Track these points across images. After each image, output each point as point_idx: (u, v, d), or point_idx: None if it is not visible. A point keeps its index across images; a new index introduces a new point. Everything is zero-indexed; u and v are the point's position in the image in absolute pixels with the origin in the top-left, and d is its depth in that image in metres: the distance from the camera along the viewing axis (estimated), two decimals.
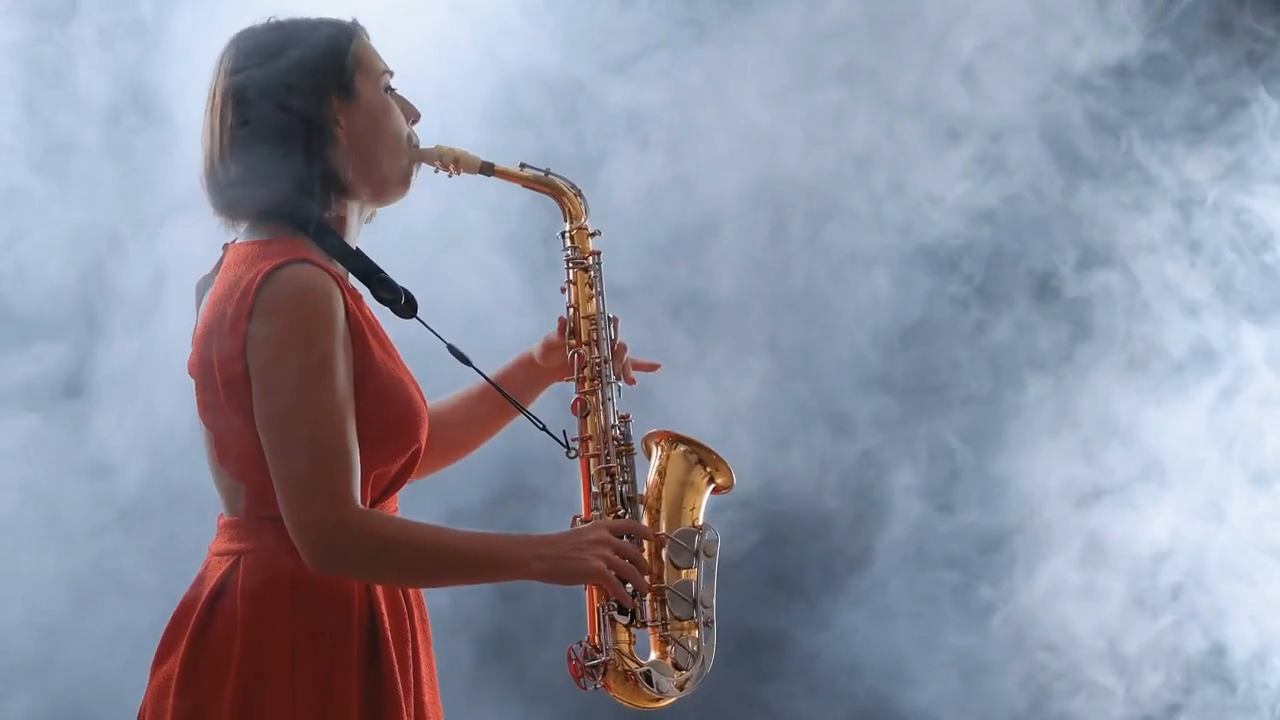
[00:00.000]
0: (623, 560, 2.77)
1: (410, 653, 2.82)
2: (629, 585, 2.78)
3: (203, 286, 2.85)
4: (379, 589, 2.79)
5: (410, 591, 2.86)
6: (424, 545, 2.72)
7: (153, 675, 2.79)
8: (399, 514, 2.90)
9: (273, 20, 2.84)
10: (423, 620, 2.89)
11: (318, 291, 2.69)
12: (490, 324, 3.82)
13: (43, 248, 4.53)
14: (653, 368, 3.06)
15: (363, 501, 2.74)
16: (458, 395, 3.10)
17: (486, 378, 3.01)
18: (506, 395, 3.00)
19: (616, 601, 2.79)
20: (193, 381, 2.78)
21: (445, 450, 3.09)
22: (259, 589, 2.74)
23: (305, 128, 2.77)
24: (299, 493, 2.66)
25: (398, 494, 2.88)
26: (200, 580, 2.80)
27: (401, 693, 2.77)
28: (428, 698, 2.85)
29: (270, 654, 2.72)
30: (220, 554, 2.80)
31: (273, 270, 2.69)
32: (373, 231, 2.94)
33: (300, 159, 2.77)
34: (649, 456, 2.96)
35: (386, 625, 2.78)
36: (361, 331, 2.75)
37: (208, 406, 2.76)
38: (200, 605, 2.77)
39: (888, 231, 4.84)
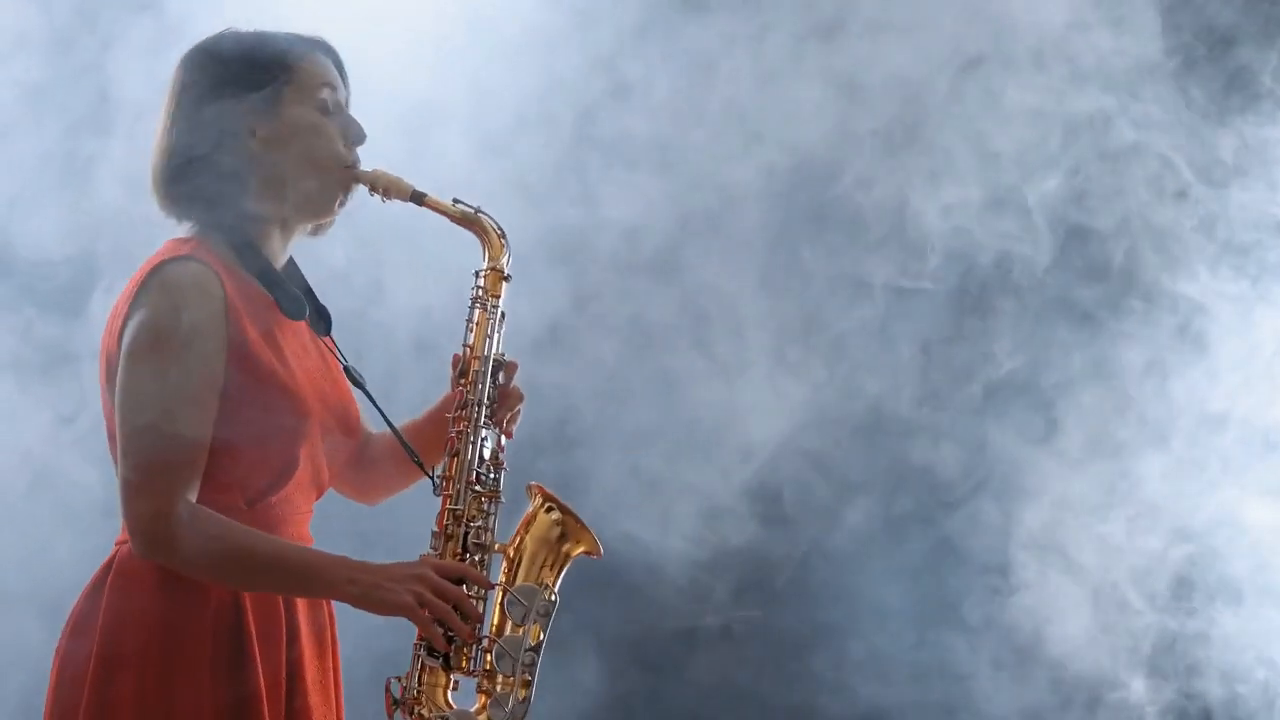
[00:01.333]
0: (439, 601, 2.74)
1: (285, 654, 2.83)
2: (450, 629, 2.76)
3: None
4: None
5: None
6: (240, 548, 2.74)
7: (54, 658, 2.87)
8: (309, 520, 2.93)
9: (229, 30, 2.91)
10: (315, 622, 2.89)
11: (191, 289, 2.74)
12: None
13: None
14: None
15: (233, 500, 2.79)
16: (385, 434, 3.08)
17: (376, 404, 3.00)
18: (386, 419, 3.00)
19: (430, 642, 2.77)
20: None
21: (369, 486, 3.12)
22: (122, 581, 2.80)
23: (219, 133, 2.82)
24: (129, 480, 2.71)
25: (302, 500, 2.89)
26: (98, 570, 2.87)
27: (266, 693, 2.78)
28: (314, 700, 2.85)
29: (125, 647, 2.77)
30: (115, 544, 2.86)
31: (157, 267, 2.76)
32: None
33: (215, 165, 2.82)
34: (529, 502, 2.94)
35: (252, 624, 2.80)
36: (241, 334, 2.78)
37: (105, 397, 2.84)
38: (85, 594, 2.85)
39: None
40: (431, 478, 2.91)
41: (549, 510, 2.91)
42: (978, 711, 4.86)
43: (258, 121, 2.85)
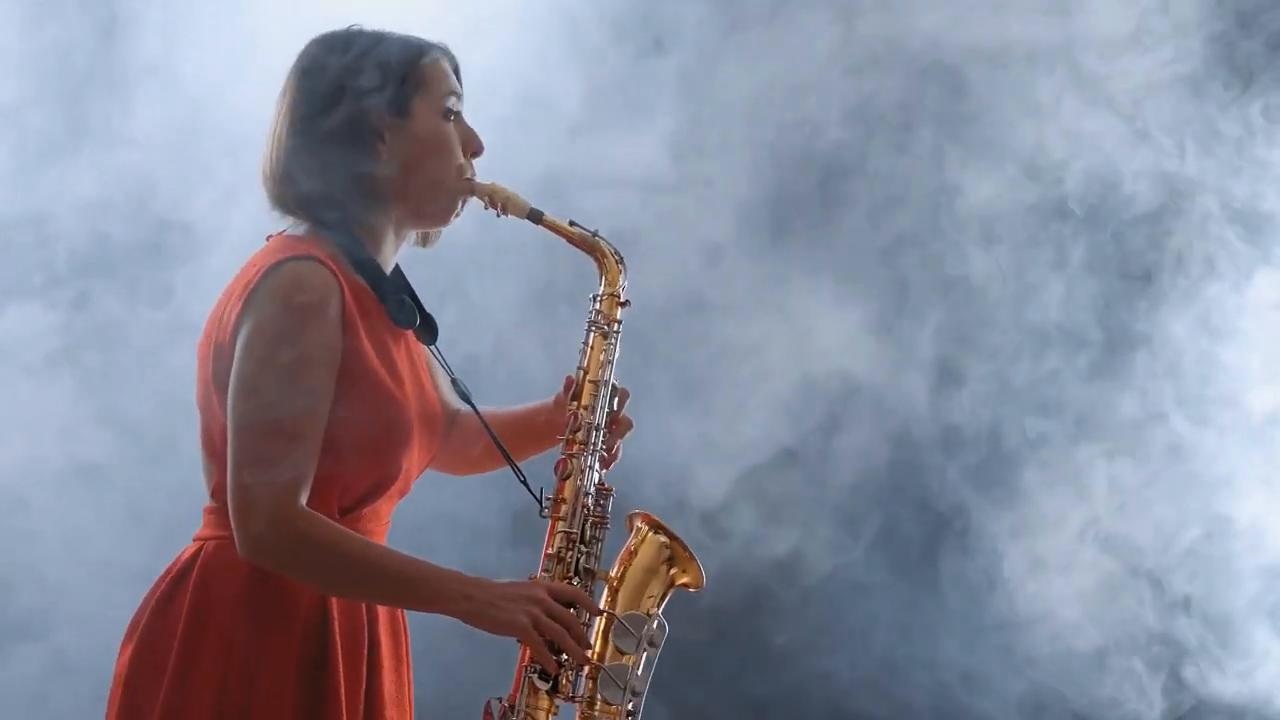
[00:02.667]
0: (552, 623, 2.71)
1: (366, 666, 2.80)
2: (562, 653, 2.74)
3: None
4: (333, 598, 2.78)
5: (381, 609, 2.85)
6: (354, 556, 2.71)
7: (118, 660, 2.82)
8: (387, 529, 2.90)
9: (353, 27, 2.88)
10: (394, 635, 2.87)
11: (309, 290, 2.72)
12: None
13: None
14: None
15: (329, 507, 2.76)
16: (504, 414, 3.07)
17: (482, 419, 2.99)
18: (496, 441, 2.98)
19: (540, 665, 2.74)
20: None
21: (454, 463, 3.09)
22: (210, 578, 2.76)
23: (347, 135, 2.80)
24: (241, 477, 2.68)
25: (386, 510, 2.88)
26: (171, 564, 2.83)
27: (345, 702, 2.76)
28: (390, 714, 2.83)
29: (208, 644, 2.73)
30: (195, 539, 2.83)
31: (276, 264, 2.73)
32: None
33: (338, 165, 2.80)
34: (629, 532, 2.91)
35: (337, 631, 2.77)
36: (357, 341, 2.76)
37: (200, 388, 2.81)
38: (159, 592, 2.81)
39: None
40: (539, 499, 2.87)
41: (656, 532, 2.89)
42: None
43: (386, 126, 2.82)
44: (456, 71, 2.92)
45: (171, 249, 4.62)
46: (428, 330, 2.92)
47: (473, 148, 2.90)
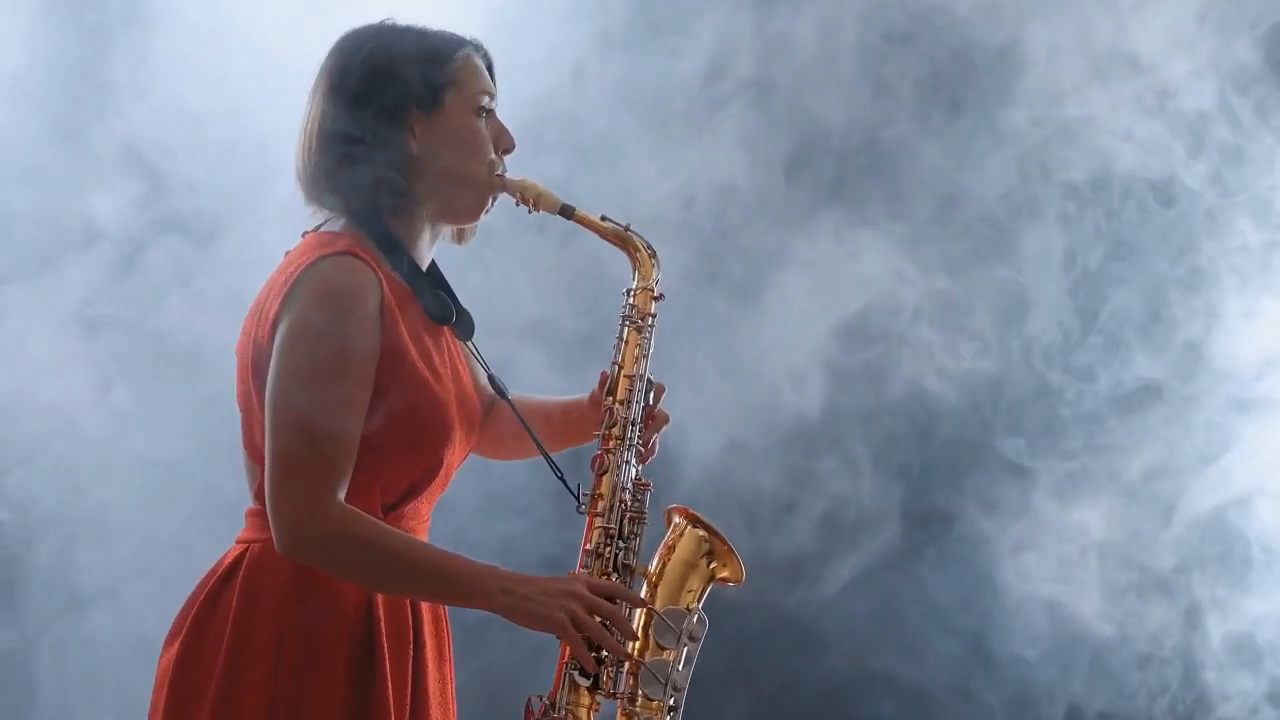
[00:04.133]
0: (592, 620, 2.70)
1: (412, 664, 2.80)
2: (601, 650, 2.72)
3: None
4: (379, 596, 2.78)
5: (423, 605, 2.84)
6: (393, 552, 2.70)
7: (160, 659, 2.82)
8: (429, 526, 2.89)
9: (386, 22, 2.87)
10: (437, 635, 2.87)
11: (348, 286, 2.71)
12: None
13: None
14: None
15: (372, 505, 2.75)
16: (518, 403, 3.05)
17: (518, 415, 2.98)
18: (534, 437, 2.97)
19: (579, 662, 2.73)
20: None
21: (491, 450, 3.10)
22: (256, 580, 2.76)
23: (378, 131, 2.79)
24: (279, 474, 2.67)
25: (426, 508, 2.87)
26: (214, 566, 2.83)
27: (394, 701, 2.76)
28: (435, 715, 2.83)
29: (257, 646, 2.73)
30: (238, 541, 2.83)
31: (315, 261, 2.73)
32: None
33: (370, 161, 2.79)
34: (666, 527, 2.90)
35: (384, 632, 2.77)
36: (396, 336, 2.75)
37: (240, 387, 2.81)
38: (204, 593, 2.80)
39: None
40: (576, 495, 2.86)
41: (694, 526, 2.88)
42: None
43: (418, 121, 2.81)
44: (490, 68, 2.92)
45: None
46: (464, 326, 2.92)
47: (504, 144, 2.89)
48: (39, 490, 4.58)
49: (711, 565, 2.87)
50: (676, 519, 2.89)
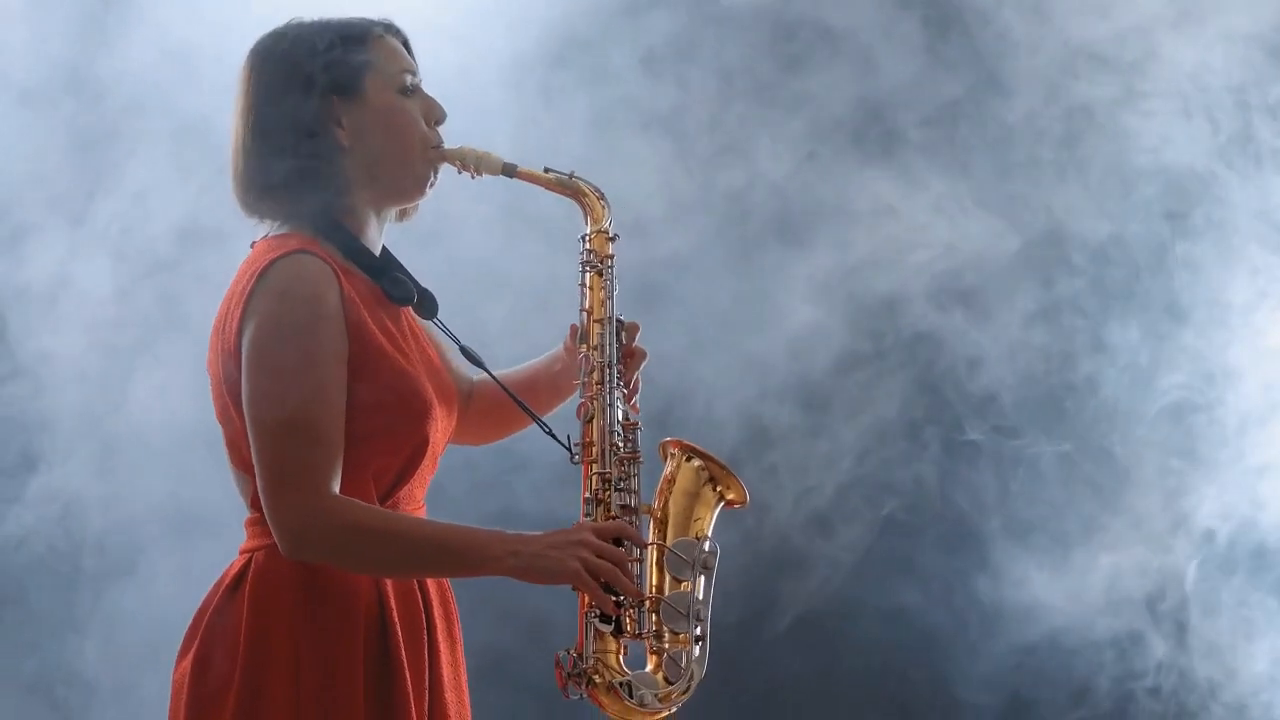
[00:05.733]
0: (604, 564, 2.70)
1: (426, 652, 2.80)
2: (619, 593, 2.73)
3: None
4: (388, 585, 2.78)
5: (431, 589, 2.84)
6: (397, 535, 2.71)
7: (175, 672, 2.82)
8: (424, 512, 2.89)
9: (293, 21, 2.87)
10: (446, 619, 2.87)
11: (306, 282, 2.71)
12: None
13: None
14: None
15: (367, 497, 2.75)
16: (517, 373, 3.07)
17: (497, 380, 2.98)
18: (514, 398, 2.97)
19: (599, 609, 2.73)
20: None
21: (476, 433, 3.10)
22: (264, 588, 2.76)
23: (306, 128, 2.79)
24: (271, 478, 2.68)
25: (420, 492, 2.87)
26: (220, 579, 2.83)
27: (413, 692, 2.76)
28: (450, 698, 2.83)
29: (274, 653, 2.73)
30: (241, 551, 2.83)
31: (269, 264, 2.72)
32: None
33: (303, 158, 2.79)
34: (664, 462, 2.90)
35: (398, 624, 2.77)
36: (361, 325, 2.75)
37: (218, 404, 2.81)
38: (213, 604, 2.80)
39: None
40: (568, 447, 2.86)
41: (690, 460, 2.88)
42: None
43: (344, 111, 2.81)
44: (407, 45, 2.91)
45: None
46: (426, 304, 2.91)
47: (435, 116, 2.89)
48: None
49: (716, 490, 2.87)
50: (672, 452, 2.89)
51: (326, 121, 2.80)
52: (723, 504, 2.88)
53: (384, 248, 2.91)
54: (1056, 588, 4.84)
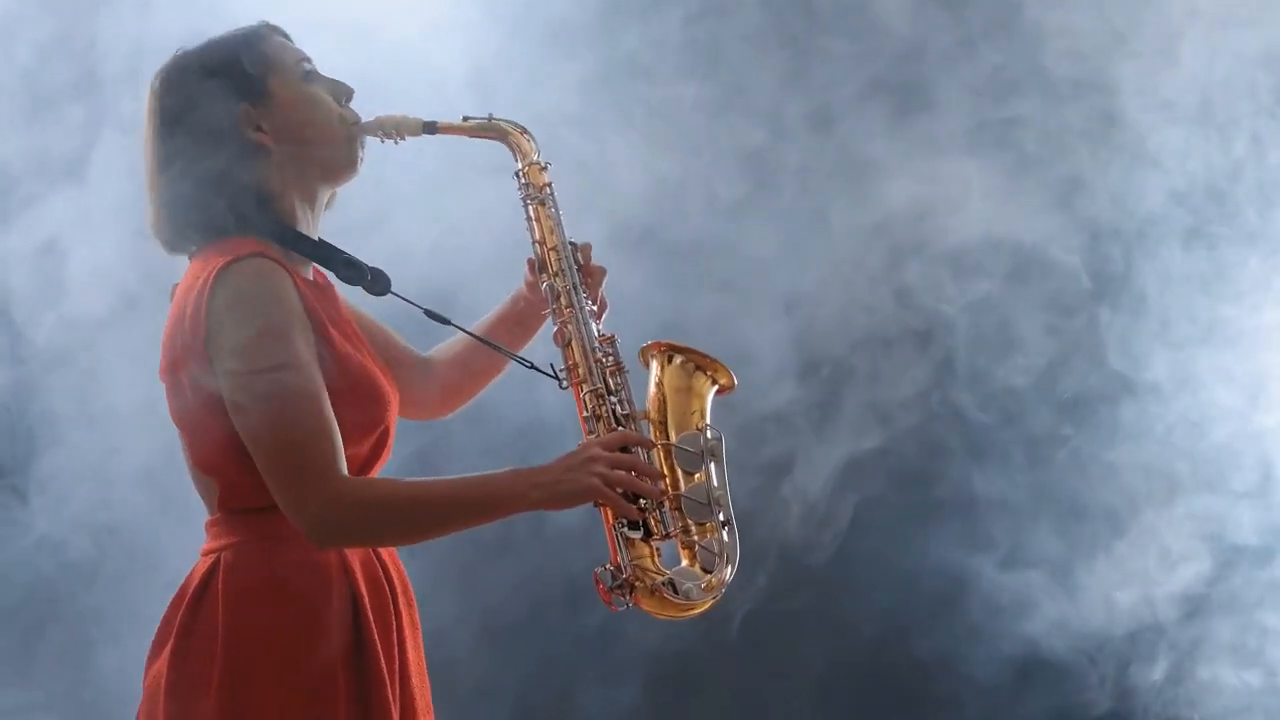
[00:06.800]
0: (620, 473, 2.76)
1: (395, 639, 2.85)
2: (639, 499, 2.78)
3: (174, 292, 2.89)
4: (359, 574, 2.82)
5: (394, 577, 2.89)
6: (420, 500, 2.75)
7: (145, 676, 2.83)
8: None
9: (180, 51, 2.90)
10: (409, 606, 2.92)
11: (265, 278, 2.74)
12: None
13: None
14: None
15: None
16: (452, 345, 3.14)
17: (468, 331, 3.04)
18: (490, 343, 3.03)
19: (625, 518, 2.79)
20: (163, 387, 2.83)
21: (446, 400, 3.15)
22: (238, 586, 2.78)
23: (224, 145, 2.82)
24: (285, 475, 2.70)
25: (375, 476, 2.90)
26: (186, 581, 2.84)
27: (387, 676, 2.80)
28: (415, 683, 2.88)
29: (253, 650, 2.75)
30: (205, 553, 2.84)
31: (226, 266, 2.74)
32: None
33: (229, 176, 2.82)
34: (648, 369, 2.96)
35: (369, 612, 2.81)
36: (318, 321, 2.79)
37: (177, 408, 2.81)
38: (184, 606, 2.81)
39: None
40: (555, 375, 2.92)
41: (673, 359, 2.94)
42: None
43: (259, 116, 2.85)
44: (287, 38, 2.96)
45: None
46: (379, 282, 2.94)
47: (343, 93, 2.94)
48: None
49: (708, 376, 2.93)
50: (654, 354, 2.95)
51: (246, 130, 2.84)
52: (716, 389, 2.93)
53: (321, 239, 2.95)
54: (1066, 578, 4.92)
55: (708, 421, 2.90)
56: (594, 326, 2.93)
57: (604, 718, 4.85)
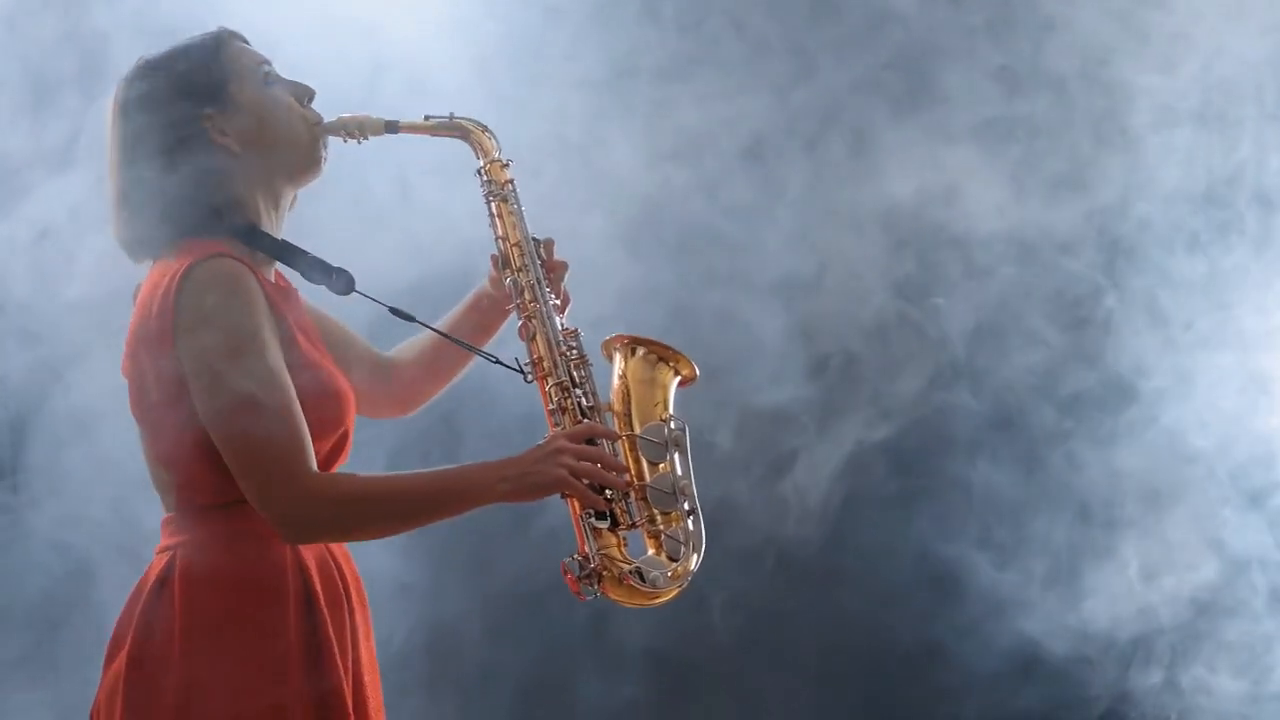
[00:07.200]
0: (585, 464, 2.79)
1: (349, 634, 2.88)
2: (605, 489, 2.81)
3: (136, 292, 2.93)
4: (313, 569, 2.85)
5: (346, 571, 2.92)
6: (389, 494, 2.78)
7: (104, 674, 2.85)
8: None
9: (142, 60, 2.93)
10: (361, 602, 2.95)
11: (231, 277, 2.77)
12: None
13: None
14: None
15: None
16: (414, 345, 3.17)
17: (434, 329, 3.07)
18: (456, 340, 3.06)
19: (591, 508, 2.82)
20: (126, 383, 2.86)
21: (408, 399, 3.18)
22: (193, 583, 2.80)
23: (188, 151, 2.86)
24: (257, 473, 2.73)
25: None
26: (142, 580, 2.87)
27: (341, 667, 2.83)
28: (367, 679, 2.91)
29: (211, 646, 2.77)
30: (160, 551, 2.87)
31: (192, 265, 2.77)
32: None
33: (192, 181, 2.85)
34: (611, 362, 2.99)
35: (324, 608, 2.84)
36: (281, 322, 2.82)
37: (139, 403, 2.84)
38: (141, 603, 2.83)
39: None
40: (519, 369, 2.95)
41: (635, 351, 2.97)
42: None
43: (223, 122, 2.88)
44: (245, 42, 2.99)
45: None
46: (342, 280, 2.95)
47: (305, 94, 2.97)
48: None
49: (665, 374, 2.97)
50: (616, 347, 2.99)
51: (211, 135, 2.87)
52: (678, 381, 2.97)
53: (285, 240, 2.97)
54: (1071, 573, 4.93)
55: (671, 412, 2.94)
56: (558, 320, 2.96)
57: (605, 708, 4.87)
